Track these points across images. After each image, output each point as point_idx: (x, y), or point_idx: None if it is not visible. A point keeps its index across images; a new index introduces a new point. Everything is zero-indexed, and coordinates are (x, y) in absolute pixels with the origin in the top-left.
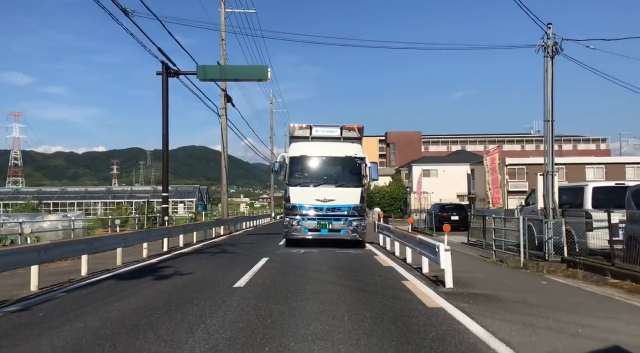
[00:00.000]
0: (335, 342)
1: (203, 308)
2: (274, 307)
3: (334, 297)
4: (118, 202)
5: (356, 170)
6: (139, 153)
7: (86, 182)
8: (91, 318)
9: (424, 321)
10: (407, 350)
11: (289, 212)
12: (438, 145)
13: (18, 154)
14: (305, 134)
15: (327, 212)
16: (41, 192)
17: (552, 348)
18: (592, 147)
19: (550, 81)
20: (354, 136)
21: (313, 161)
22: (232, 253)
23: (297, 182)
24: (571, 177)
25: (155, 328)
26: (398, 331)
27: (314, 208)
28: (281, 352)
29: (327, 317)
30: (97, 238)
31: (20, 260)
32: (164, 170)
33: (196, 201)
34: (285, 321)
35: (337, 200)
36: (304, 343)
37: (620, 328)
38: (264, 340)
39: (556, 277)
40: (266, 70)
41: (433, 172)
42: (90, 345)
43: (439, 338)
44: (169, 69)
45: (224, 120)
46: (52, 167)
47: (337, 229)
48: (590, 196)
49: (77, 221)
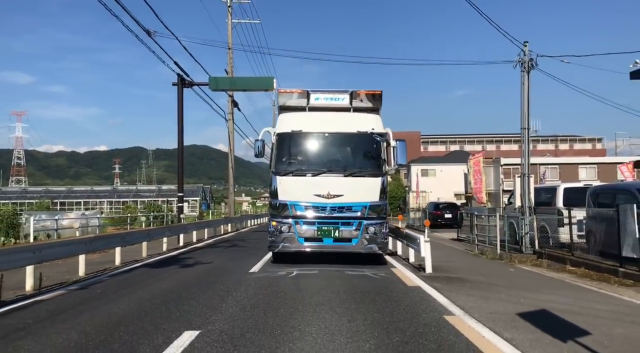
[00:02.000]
0: (333, 306)
1: (228, 286)
2: (285, 284)
3: (338, 283)
4: (123, 201)
5: (374, 151)
6: (141, 152)
7: (88, 181)
8: (141, 293)
9: (402, 294)
10: (386, 310)
11: (276, 214)
12: (437, 145)
13: (21, 153)
14: (301, 103)
15: (333, 214)
16: (48, 192)
17: (494, 310)
18: (588, 147)
19: (526, 93)
20: (370, 106)
21: (311, 140)
22: (242, 247)
23: (288, 169)
24: (564, 177)
25: (195, 299)
26: (381, 300)
27: (313, 207)
28: (292, 313)
29: (327, 291)
30: (129, 233)
31: (73, 250)
32: (180, 173)
33: (200, 200)
34: (294, 294)
35: (347, 196)
36: (309, 308)
37: (555, 300)
38: (279, 305)
39: (525, 266)
40: (272, 81)
41: (431, 171)
42: (150, 308)
43: (412, 305)
44: (183, 80)
45: (231, 124)
46: (54, 166)
47: (347, 238)
48: (561, 196)
49: (93, 219)
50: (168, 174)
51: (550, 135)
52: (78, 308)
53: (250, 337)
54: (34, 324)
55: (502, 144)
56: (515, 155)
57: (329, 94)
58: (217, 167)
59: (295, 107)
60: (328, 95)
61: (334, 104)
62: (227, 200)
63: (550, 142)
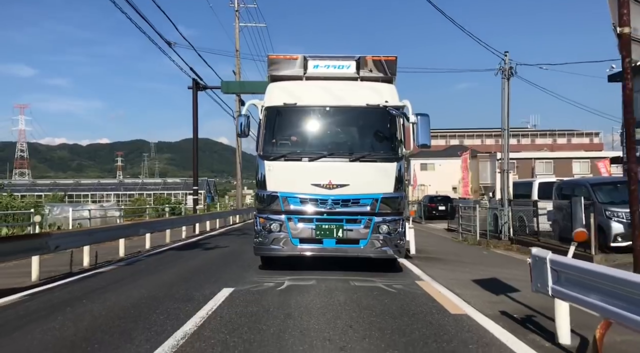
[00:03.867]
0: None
1: (247, 261)
2: (294, 260)
3: None
4: (130, 194)
5: (388, 130)
6: (143, 145)
7: (90, 174)
8: (178, 267)
9: (387, 269)
10: (375, 275)
11: (264, 208)
12: (437, 139)
13: (24, 146)
14: (296, 71)
15: (335, 208)
16: (55, 185)
17: (455, 277)
18: (585, 141)
19: (506, 98)
20: (381, 75)
21: (308, 115)
22: (252, 235)
23: (280, 152)
24: (558, 171)
25: (223, 270)
26: (369, 272)
27: (310, 200)
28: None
29: (325, 263)
30: (156, 222)
31: (116, 234)
32: (194, 168)
33: (205, 193)
34: (301, 264)
35: (354, 187)
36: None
37: (509, 272)
38: (291, 272)
39: (498, 250)
40: None
41: (430, 166)
42: (191, 276)
43: (393, 275)
44: (198, 84)
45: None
46: (56, 159)
47: (354, 239)
48: (536, 189)
49: (113, 210)
50: (170, 167)
51: (548, 130)
52: (134, 276)
53: (271, 293)
54: (108, 286)
55: (501, 138)
56: (514, 149)
57: (332, 61)
58: (220, 159)
59: (290, 76)
60: (330, 62)
61: (338, 73)
62: (230, 193)
63: (548, 137)
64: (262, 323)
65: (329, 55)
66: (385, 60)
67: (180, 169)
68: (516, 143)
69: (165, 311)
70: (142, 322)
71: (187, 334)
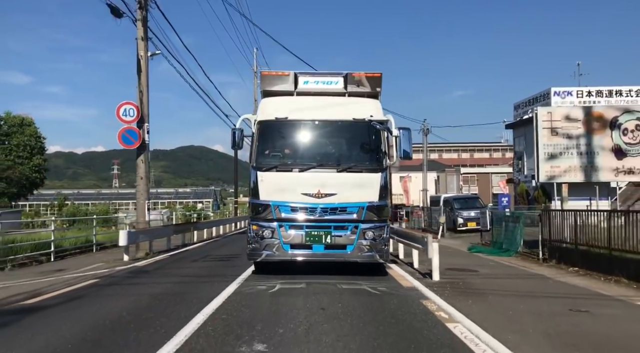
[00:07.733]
0: None
1: None
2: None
3: None
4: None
5: (373, 142)
6: None
7: (87, 182)
8: (239, 242)
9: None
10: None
11: (257, 216)
12: (418, 153)
13: None
14: (288, 87)
15: (324, 216)
16: (60, 195)
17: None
18: None
19: (425, 148)
20: (368, 91)
21: (298, 128)
22: None
23: (271, 164)
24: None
25: None
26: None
27: (300, 208)
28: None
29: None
30: (201, 223)
31: (164, 232)
32: (235, 181)
33: (212, 201)
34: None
35: (341, 195)
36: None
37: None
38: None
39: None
40: None
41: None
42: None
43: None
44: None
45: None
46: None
47: (341, 245)
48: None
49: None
50: (166, 175)
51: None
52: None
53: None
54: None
55: (475, 152)
56: (486, 162)
57: (321, 77)
58: (215, 167)
59: (281, 91)
60: (319, 78)
61: (327, 88)
62: (229, 199)
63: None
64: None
65: (318, 72)
66: (371, 77)
67: (176, 177)
68: (488, 156)
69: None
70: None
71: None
